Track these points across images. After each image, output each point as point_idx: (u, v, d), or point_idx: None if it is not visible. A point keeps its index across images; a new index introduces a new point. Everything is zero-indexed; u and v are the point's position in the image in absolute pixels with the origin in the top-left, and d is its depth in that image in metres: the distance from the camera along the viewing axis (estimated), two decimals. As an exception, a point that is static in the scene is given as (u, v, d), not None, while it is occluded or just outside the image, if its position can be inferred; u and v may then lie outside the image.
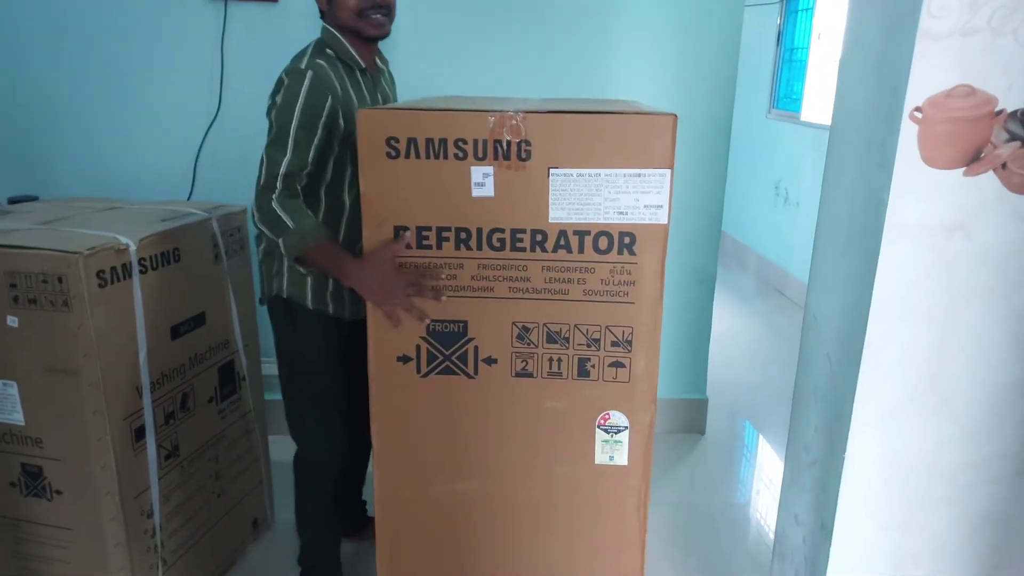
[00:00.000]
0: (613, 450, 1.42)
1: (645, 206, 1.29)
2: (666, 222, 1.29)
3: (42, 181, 2.33)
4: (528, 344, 1.38)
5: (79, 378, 1.47)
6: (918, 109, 1.17)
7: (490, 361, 1.40)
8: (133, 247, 1.54)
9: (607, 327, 1.36)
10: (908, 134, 1.18)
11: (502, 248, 1.34)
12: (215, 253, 1.81)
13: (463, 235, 1.33)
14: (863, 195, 1.30)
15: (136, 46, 2.29)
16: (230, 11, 2.25)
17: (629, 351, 1.37)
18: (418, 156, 1.29)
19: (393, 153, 1.30)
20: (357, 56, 1.54)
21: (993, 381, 1.30)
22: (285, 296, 1.59)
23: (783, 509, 1.61)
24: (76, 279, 1.43)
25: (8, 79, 2.30)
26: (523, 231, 1.32)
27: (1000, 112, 1.17)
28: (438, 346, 1.40)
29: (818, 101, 4.28)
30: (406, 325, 1.38)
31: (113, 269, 1.50)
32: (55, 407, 1.51)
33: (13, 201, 1.94)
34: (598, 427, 1.41)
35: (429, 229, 1.34)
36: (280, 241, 1.42)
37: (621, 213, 1.30)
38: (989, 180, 1.20)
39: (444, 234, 1.34)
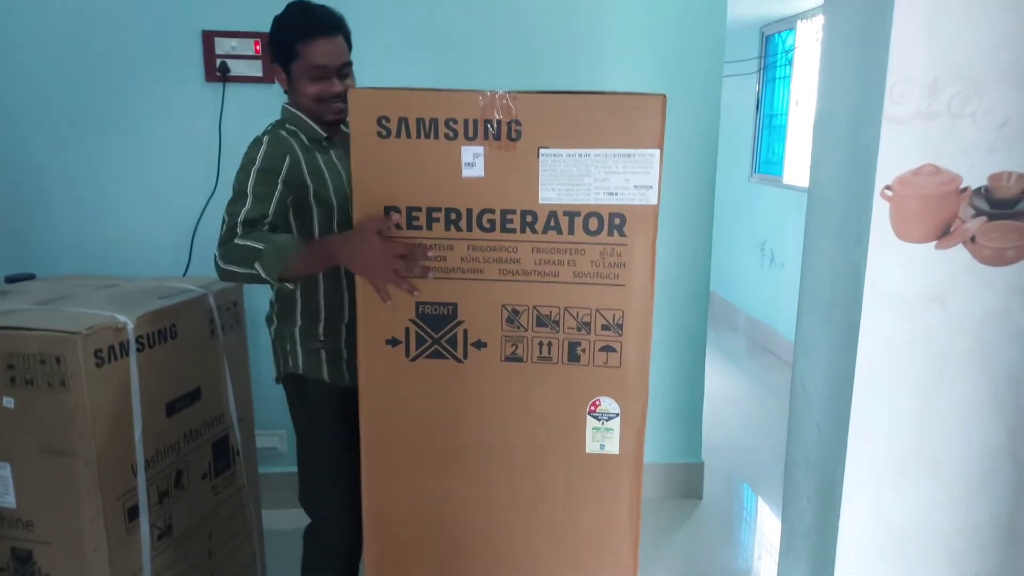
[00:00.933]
0: (604, 438, 1.39)
1: (635, 187, 1.29)
2: (656, 203, 1.29)
3: (40, 258, 2.36)
4: (518, 328, 1.36)
5: (74, 458, 1.47)
6: (888, 187, 1.23)
7: (480, 345, 1.37)
8: (131, 325, 1.56)
9: (597, 310, 1.34)
10: (881, 210, 1.25)
11: (492, 229, 1.33)
12: (211, 329, 1.83)
13: (453, 216, 1.33)
14: (842, 267, 1.35)
15: (136, 124, 2.36)
16: (228, 91, 2.34)
17: (620, 335, 1.34)
18: (408, 136, 1.29)
19: (384, 132, 1.30)
20: (319, 128, 1.57)
21: (979, 446, 1.32)
22: (301, 373, 1.60)
23: (781, 579, 1.60)
24: (74, 359, 1.44)
25: (5, 154, 2.36)
26: (513, 212, 1.32)
27: (965, 189, 1.23)
28: (427, 329, 1.38)
29: (799, 165, 4.42)
30: (396, 306, 1.36)
31: (111, 348, 1.51)
32: (48, 488, 1.50)
33: (11, 280, 1.96)
34: (588, 414, 1.38)
35: (419, 210, 1.32)
36: (258, 266, 1.37)
37: (611, 194, 1.30)
38: (960, 253, 1.25)
39: (434, 215, 1.32)
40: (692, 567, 2.40)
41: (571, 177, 1.29)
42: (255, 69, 2.32)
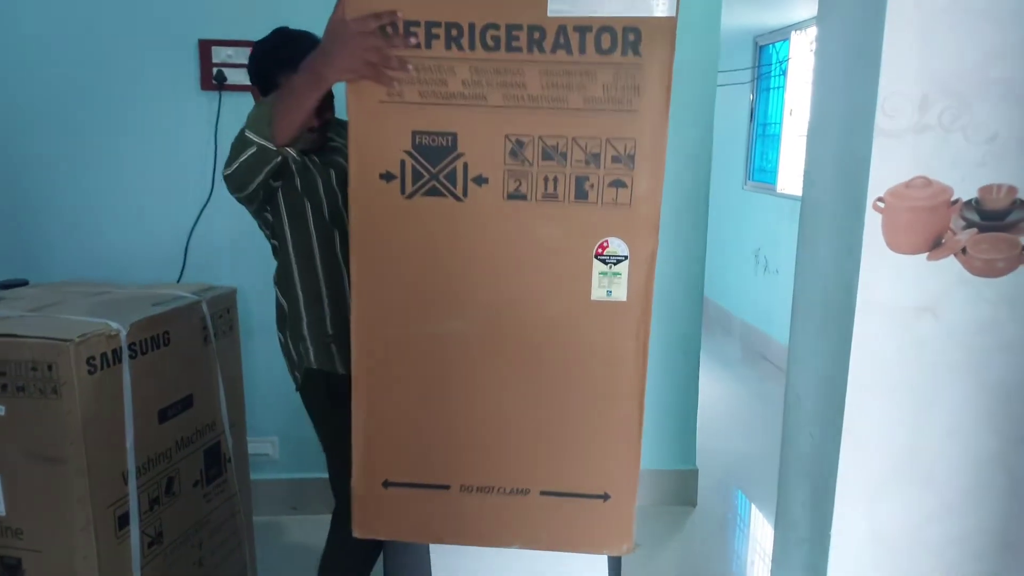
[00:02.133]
0: (611, 283, 1.30)
1: None
2: (674, 14, 1.18)
3: (32, 265, 2.35)
4: (522, 161, 1.25)
5: (65, 466, 1.46)
6: (880, 199, 1.24)
7: (480, 181, 1.27)
8: (124, 333, 1.56)
9: (608, 140, 1.24)
10: (873, 221, 1.25)
11: (496, 48, 1.21)
12: (204, 335, 1.83)
13: (454, 32, 1.21)
14: (835, 277, 1.36)
15: (132, 131, 2.36)
16: (224, 100, 2.34)
17: (631, 168, 1.24)
18: None
19: None
20: (294, 153, 1.57)
21: (971, 455, 1.33)
22: (316, 367, 1.64)
23: (774, 588, 1.60)
24: (67, 366, 1.44)
25: (0, 160, 2.36)
26: (519, 27, 1.20)
27: (956, 201, 1.24)
28: (424, 163, 1.27)
29: (793, 173, 4.44)
30: (390, 135, 1.26)
31: (103, 355, 1.51)
32: (38, 496, 1.49)
33: (3, 286, 1.96)
34: (595, 257, 1.28)
35: (417, 24, 1.21)
36: (250, 135, 1.39)
37: (625, 3, 1.19)
38: (951, 264, 1.26)
39: (434, 30, 1.21)
40: (686, 574, 2.41)
41: None
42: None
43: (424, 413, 1.36)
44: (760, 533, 2.72)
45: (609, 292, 1.29)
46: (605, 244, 1.28)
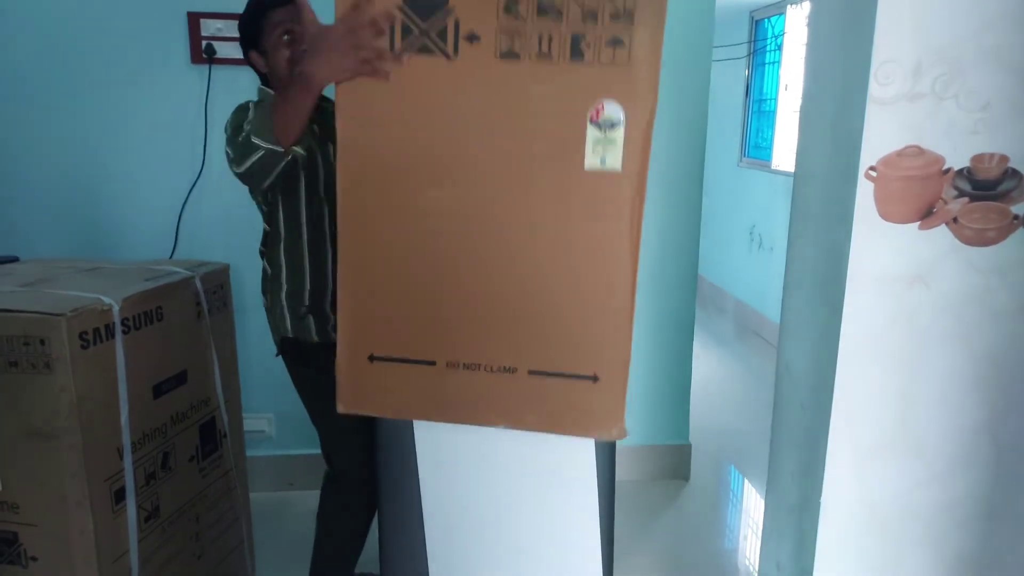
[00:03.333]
0: (605, 151, 1.24)
1: None
2: None
3: (23, 241, 2.34)
4: (516, 17, 1.20)
5: (59, 441, 1.46)
6: (872, 168, 1.24)
7: (472, 38, 1.22)
8: (116, 307, 1.55)
9: None
10: (865, 191, 1.25)
11: None
12: (197, 311, 1.82)
13: None
14: (826, 248, 1.36)
15: (121, 106, 2.34)
16: (214, 74, 2.31)
17: (631, 24, 1.18)
18: None
19: None
20: None
21: (959, 424, 1.34)
22: (292, 336, 1.67)
23: (764, 556, 1.63)
24: (59, 341, 1.43)
25: (-9, 141, 2.34)
26: None
27: (948, 170, 1.24)
28: (414, 17, 1.22)
29: (788, 149, 4.43)
30: None
31: (96, 330, 1.51)
32: (33, 471, 1.49)
33: (-6, 262, 1.95)
34: (590, 123, 1.24)
35: None
36: (255, 140, 1.37)
37: None
38: (943, 233, 1.27)
39: None
40: (679, 547, 2.43)
41: None
42: (241, 51, 2.29)
43: (411, 286, 1.32)
44: (752, 507, 2.75)
45: (603, 160, 1.24)
46: (600, 108, 1.23)
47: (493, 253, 1.29)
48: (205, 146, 2.34)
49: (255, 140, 1.38)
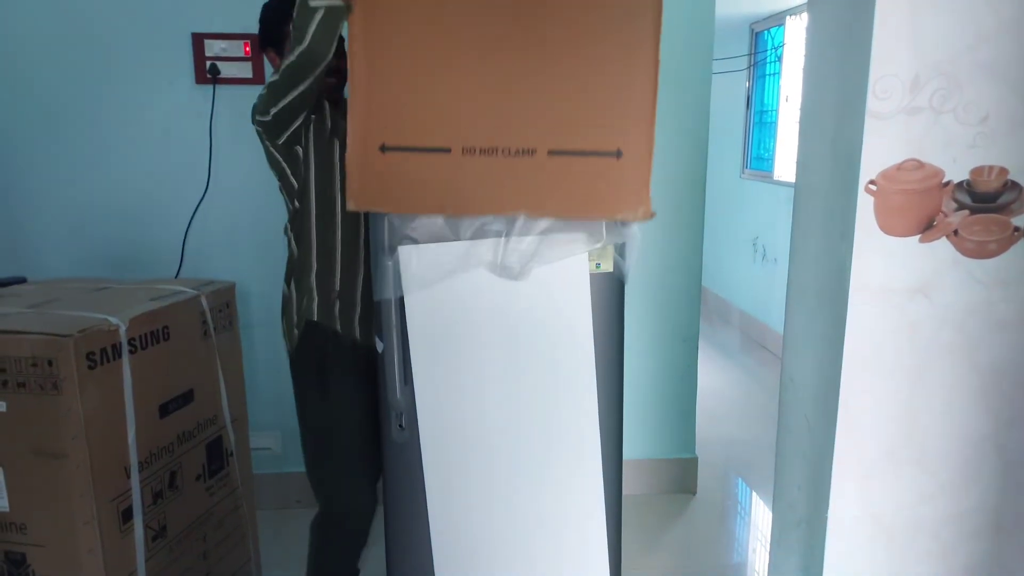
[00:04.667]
0: None
1: None
2: None
3: (30, 261, 2.36)
4: None
5: (67, 461, 1.47)
6: (872, 182, 1.24)
7: None
8: (123, 327, 1.57)
9: None
10: (865, 204, 1.26)
11: None
12: (204, 330, 1.83)
13: None
14: (828, 261, 1.37)
15: (127, 126, 2.36)
16: (219, 93, 2.34)
17: None
18: None
19: None
20: None
21: (965, 435, 1.34)
22: (316, 320, 1.61)
23: (772, 570, 1.62)
24: (66, 362, 1.44)
25: (-1, 160, 2.37)
26: None
27: (948, 183, 1.25)
28: None
29: (790, 160, 4.44)
30: None
31: (103, 350, 1.52)
32: (41, 491, 1.50)
33: (1, 283, 1.96)
34: None
35: None
36: (316, 2, 1.27)
37: None
38: (943, 246, 1.27)
39: None
40: (687, 562, 2.42)
41: None
42: (245, 71, 2.32)
43: (425, 70, 1.26)
44: (760, 520, 2.73)
45: None
46: None
47: (511, 31, 1.23)
48: (210, 164, 2.37)
49: (312, 2, 1.26)
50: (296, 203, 1.60)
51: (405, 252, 1.33)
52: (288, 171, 1.57)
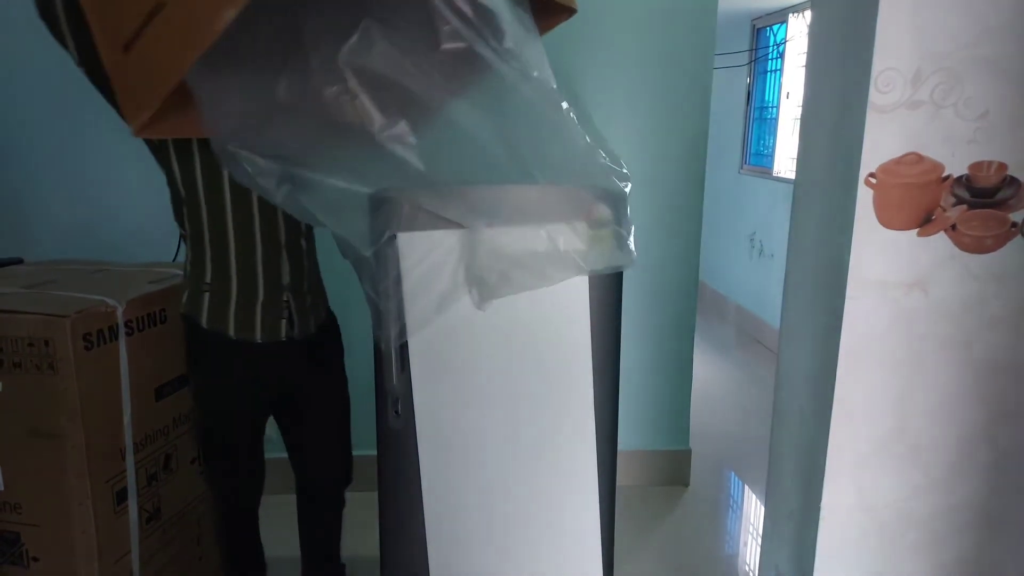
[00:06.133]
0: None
1: None
2: None
3: (27, 244, 2.35)
4: None
5: (62, 441, 1.47)
6: (872, 175, 1.25)
7: None
8: (120, 309, 1.56)
9: None
10: (864, 198, 1.26)
11: None
12: (201, 313, 1.83)
13: None
14: (826, 254, 1.37)
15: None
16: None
17: None
18: None
19: None
20: None
21: (957, 430, 1.35)
22: (183, 312, 1.49)
23: (764, 561, 1.63)
24: (63, 342, 1.44)
25: (-3, 143, 2.35)
26: None
27: (947, 178, 1.25)
28: None
29: (789, 157, 4.44)
30: None
31: (100, 332, 1.52)
32: (36, 471, 1.50)
33: (-1, 264, 1.96)
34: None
35: None
36: None
37: None
38: (941, 240, 1.27)
39: None
40: (678, 553, 2.43)
41: None
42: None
43: None
44: (752, 513, 2.75)
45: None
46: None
47: None
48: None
49: None
50: (174, 187, 1.50)
51: (405, 239, 1.33)
52: (173, 162, 1.48)
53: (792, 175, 4.32)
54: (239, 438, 1.61)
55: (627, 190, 1.27)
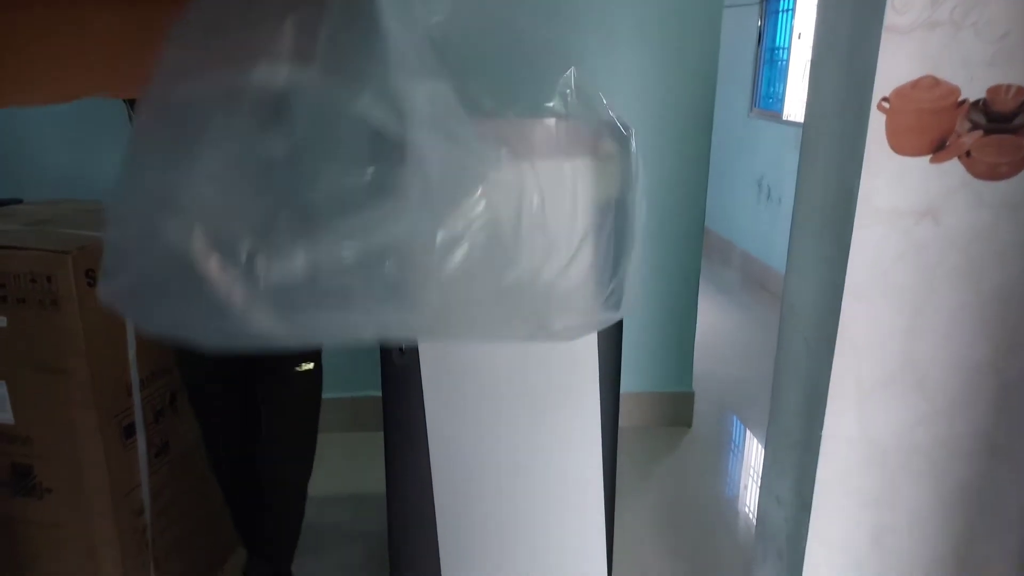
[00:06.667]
0: None
1: None
2: None
3: (26, 185, 2.33)
4: None
5: (68, 376, 1.48)
6: (885, 99, 1.21)
7: None
8: (121, 246, 1.55)
9: None
10: (877, 124, 1.23)
11: None
12: (203, 252, 1.82)
13: None
14: (835, 182, 1.34)
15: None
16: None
17: None
18: None
19: None
20: None
21: (964, 361, 1.34)
22: None
23: (764, 491, 1.65)
24: (65, 278, 1.44)
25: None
26: None
27: (963, 102, 1.21)
28: None
29: (799, 100, 4.34)
30: None
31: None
32: (44, 406, 1.52)
33: (-1, 204, 1.94)
34: None
35: None
36: None
37: None
38: (954, 167, 1.24)
39: None
40: (680, 493, 2.47)
41: None
42: None
43: None
44: (753, 454, 2.78)
45: None
46: None
47: None
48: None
49: None
50: None
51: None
52: None
53: (803, 119, 4.22)
54: (207, 380, 1.65)
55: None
